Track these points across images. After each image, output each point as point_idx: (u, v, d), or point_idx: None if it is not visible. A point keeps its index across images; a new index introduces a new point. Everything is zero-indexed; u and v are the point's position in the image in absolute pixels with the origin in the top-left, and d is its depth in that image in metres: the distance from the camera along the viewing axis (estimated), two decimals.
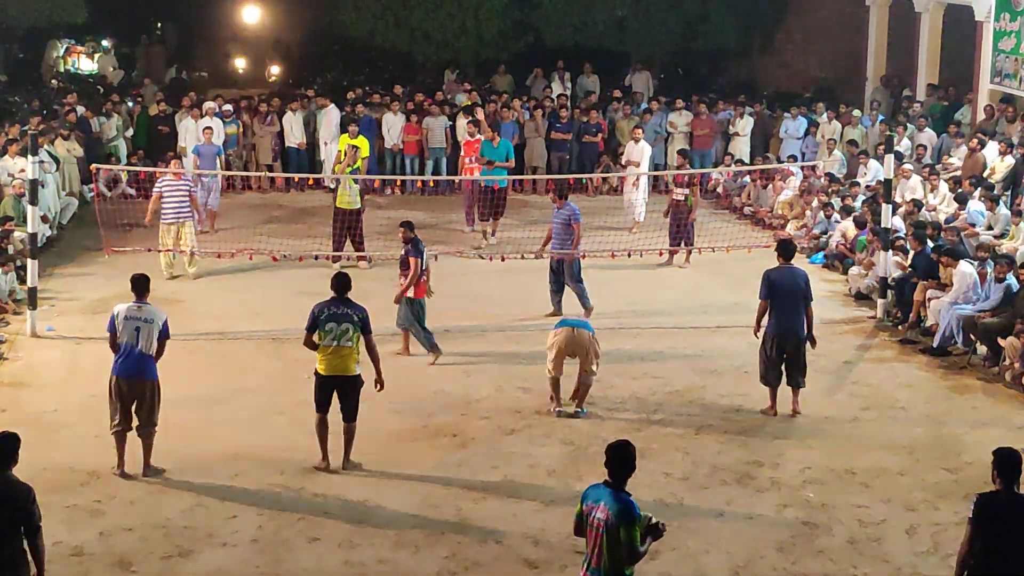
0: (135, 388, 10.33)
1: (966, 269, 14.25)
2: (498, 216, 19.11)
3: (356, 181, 17.60)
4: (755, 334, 12.25)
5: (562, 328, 11.98)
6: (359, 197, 17.59)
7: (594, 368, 11.89)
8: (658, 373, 13.34)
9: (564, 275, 15.25)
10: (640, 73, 27.26)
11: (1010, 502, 7.10)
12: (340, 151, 19.44)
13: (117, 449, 10.43)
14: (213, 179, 19.63)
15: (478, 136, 19.90)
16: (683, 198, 17.96)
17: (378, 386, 10.75)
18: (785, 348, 11.97)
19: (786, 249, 12.38)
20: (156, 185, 17.06)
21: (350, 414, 10.63)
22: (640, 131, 21.46)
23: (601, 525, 6.81)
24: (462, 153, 20.50)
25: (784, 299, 11.96)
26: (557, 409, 11.94)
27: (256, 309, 15.62)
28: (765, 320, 12.19)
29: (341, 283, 10.69)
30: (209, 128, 20.97)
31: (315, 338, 10.54)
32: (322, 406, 10.63)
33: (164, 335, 10.44)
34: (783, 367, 12.06)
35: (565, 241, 15.20)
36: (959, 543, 7.34)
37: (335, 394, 10.61)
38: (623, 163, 21.59)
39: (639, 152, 20.61)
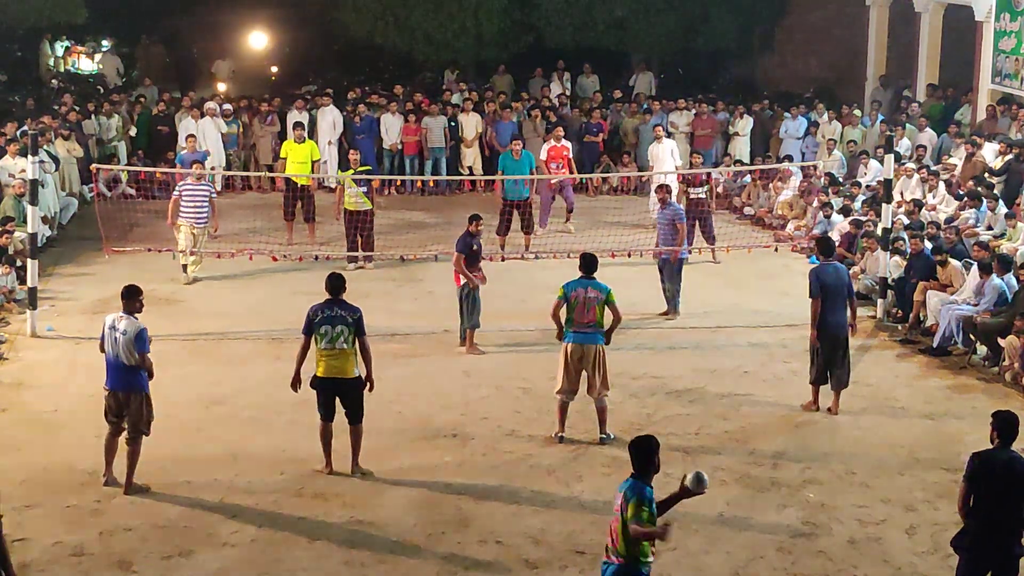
0: (122, 400, 10.11)
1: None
2: (530, 231, 18.58)
3: (357, 183, 17.55)
4: (814, 340, 11.96)
5: (570, 342, 11.27)
6: (364, 198, 17.49)
7: (607, 390, 11.35)
8: (658, 373, 13.34)
9: (664, 274, 15.42)
10: (643, 73, 27.28)
11: (1007, 458, 7.79)
12: (283, 157, 19.79)
13: (105, 457, 10.29)
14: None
15: (563, 143, 19.99)
16: (704, 195, 18.05)
17: (368, 385, 10.57)
18: (836, 346, 11.97)
19: (826, 245, 12.34)
20: (176, 188, 16.96)
21: (355, 416, 10.51)
22: (661, 128, 21.30)
23: (618, 510, 7.21)
24: (545, 158, 20.00)
25: (834, 296, 11.92)
26: (559, 434, 11.31)
27: (256, 309, 15.62)
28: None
29: (335, 284, 10.59)
30: (192, 136, 20.91)
31: (311, 341, 10.44)
32: (326, 414, 10.50)
33: (141, 347, 9.95)
34: (827, 369, 12.04)
35: (671, 240, 15.38)
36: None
37: (337, 399, 10.49)
38: (650, 165, 21.06)
39: (665, 150, 20.44)
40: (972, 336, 13.84)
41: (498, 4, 26.34)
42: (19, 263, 15.88)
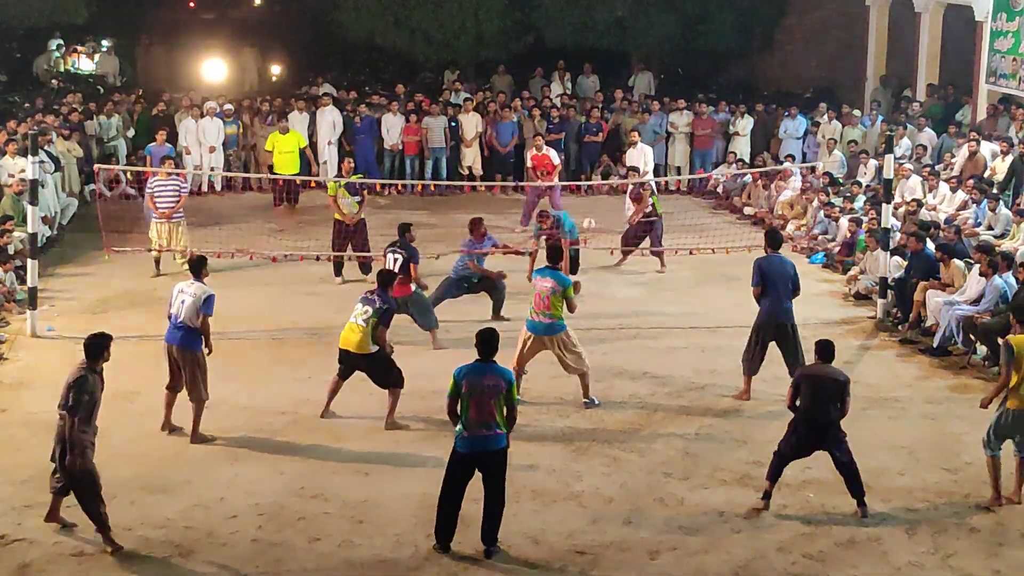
0: (176, 355, 11.20)
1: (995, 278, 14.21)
2: None
3: (350, 192, 17.07)
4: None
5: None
6: (357, 206, 17.10)
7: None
8: (658, 373, 13.34)
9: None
10: (642, 73, 27.28)
11: (826, 372, 9.94)
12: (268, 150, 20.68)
13: (165, 408, 11.39)
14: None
15: (546, 151, 20.08)
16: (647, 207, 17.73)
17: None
18: (776, 336, 12.35)
19: (773, 238, 12.77)
20: (148, 186, 16.96)
21: (382, 383, 11.79)
22: (637, 134, 21.34)
23: (495, 392, 8.97)
24: (529, 164, 20.36)
25: (775, 287, 12.31)
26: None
27: (256, 309, 15.60)
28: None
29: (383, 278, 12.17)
30: (163, 131, 21.17)
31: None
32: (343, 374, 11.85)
33: (205, 310, 11.23)
34: (783, 358, 12.38)
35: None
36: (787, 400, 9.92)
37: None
38: (626, 169, 21.10)
39: (638, 155, 20.45)
40: (972, 336, 13.83)
41: (498, 4, 26.35)
42: (19, 263, 15.88)
